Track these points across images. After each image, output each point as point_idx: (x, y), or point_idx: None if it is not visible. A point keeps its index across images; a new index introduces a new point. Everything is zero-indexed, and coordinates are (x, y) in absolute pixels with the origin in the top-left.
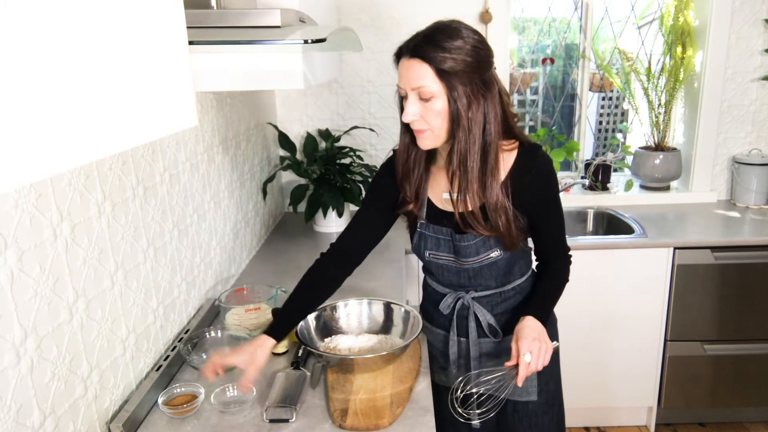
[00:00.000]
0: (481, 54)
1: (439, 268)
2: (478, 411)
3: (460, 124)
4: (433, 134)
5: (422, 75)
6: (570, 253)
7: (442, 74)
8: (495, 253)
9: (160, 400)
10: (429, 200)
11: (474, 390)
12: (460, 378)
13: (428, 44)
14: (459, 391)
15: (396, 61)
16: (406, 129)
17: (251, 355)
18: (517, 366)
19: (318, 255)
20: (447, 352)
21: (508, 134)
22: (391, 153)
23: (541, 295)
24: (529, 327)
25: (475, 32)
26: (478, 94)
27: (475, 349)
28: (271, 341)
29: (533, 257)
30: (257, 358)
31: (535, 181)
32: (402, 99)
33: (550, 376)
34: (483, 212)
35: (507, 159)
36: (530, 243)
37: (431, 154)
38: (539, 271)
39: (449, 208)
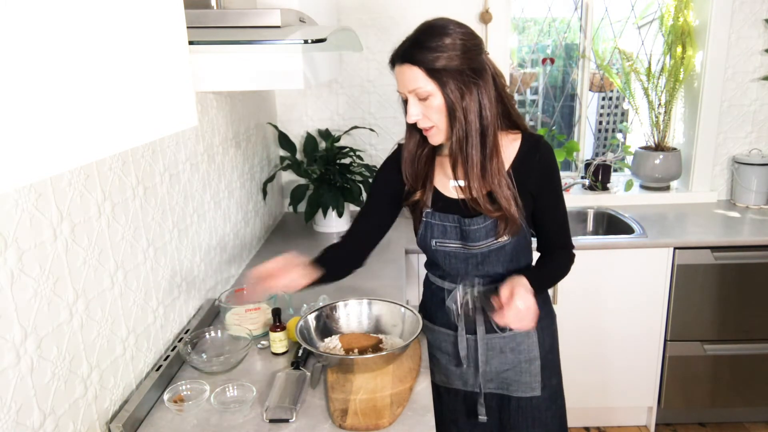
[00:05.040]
0: (468, 45)
1: (446, 256)
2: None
3: (455, 116)
4: (438, 130)
5: (414, 78)
6: (574, 251)
7: (432, 73)
8: (503, 238)
9: (165, 397)
10: (435, 189)
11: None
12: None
13: (415, 48)
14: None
15: (392, 68)
16: (413, 126)
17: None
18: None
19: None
20: (451, 350)
21: (509, 121)
22: (397, 146)
23: (539, 269)
24: (525, 286)
25: (461, 25)
26: (470, 83)
27: (483, 345)
28: (305, 264)
29: (533, 252)
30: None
31: (538, 169)
32: (405, 102)
33: (552, 371)
34: (488, 196)
35: (510, 148)
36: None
37: (437, 145)
38: (539, 261)
39: (455, 195)
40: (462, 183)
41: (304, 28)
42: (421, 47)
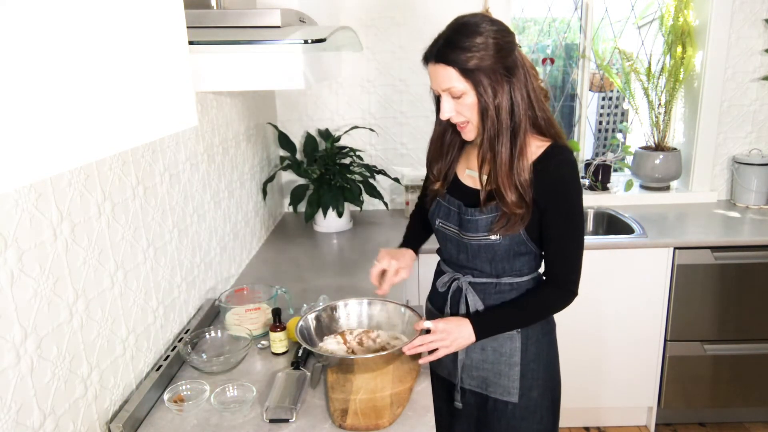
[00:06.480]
0: (501, 43)
1: (445, 239)
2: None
3: (488, 114)
4: (472, 125)
5: (448, 77)
6: (573, 289)
7: (465, 73)
8: (494, 236)
9: (165, 397)
10: (455, 174)
11: None
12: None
13: (449, 47)
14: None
15: (425, 65)
16: (442, 121)
17: (405, 257)
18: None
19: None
20: None
21: (542, 126)
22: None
23: (504, 311)
24: (458, 327)
25: (494, 22)
26: (503, 81)
27: None
28: (412, 252)
29: (536, 265)
30: (409, 261)
31: (549, 180)
32: (437, 98)
33: (533, 382)
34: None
35: (535, 152)
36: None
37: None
38: (536, 286)
39: (469, 183)
40: (479, 175)
41: (304, 28)
42: (454, 47)
